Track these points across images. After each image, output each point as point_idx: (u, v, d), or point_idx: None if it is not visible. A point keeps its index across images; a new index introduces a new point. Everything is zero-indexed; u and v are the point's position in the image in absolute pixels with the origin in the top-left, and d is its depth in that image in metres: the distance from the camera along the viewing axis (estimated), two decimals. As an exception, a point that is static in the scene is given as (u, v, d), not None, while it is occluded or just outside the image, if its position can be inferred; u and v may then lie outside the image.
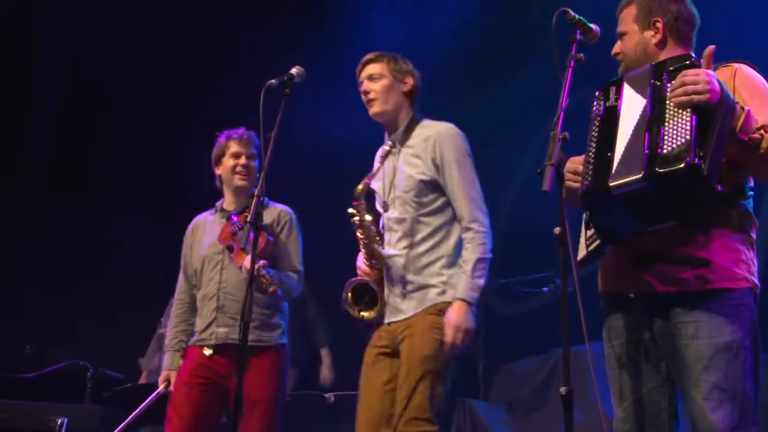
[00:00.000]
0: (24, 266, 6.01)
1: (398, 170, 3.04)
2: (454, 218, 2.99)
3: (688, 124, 2.16)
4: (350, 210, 3.00)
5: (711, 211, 2.29)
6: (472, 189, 2.99)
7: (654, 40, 2.46)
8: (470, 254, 2.92)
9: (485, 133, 5.87)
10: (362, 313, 2.98)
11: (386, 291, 3.00)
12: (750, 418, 2.25)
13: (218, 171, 3.71)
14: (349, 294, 2.99)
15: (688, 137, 2.15)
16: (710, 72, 2.19)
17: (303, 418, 4.72)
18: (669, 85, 2.24)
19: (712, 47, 2.26)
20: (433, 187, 2.99)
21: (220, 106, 5.75)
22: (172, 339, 3.68)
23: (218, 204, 3.75)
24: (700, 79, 2.17)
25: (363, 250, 3.02)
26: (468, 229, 2.95)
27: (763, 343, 2.34)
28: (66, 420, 4.12)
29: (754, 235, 2.39)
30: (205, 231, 3.72)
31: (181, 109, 5.96)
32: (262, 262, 3.37)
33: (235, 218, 3.58)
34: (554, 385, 4.74)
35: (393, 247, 3.00)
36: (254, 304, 3.48)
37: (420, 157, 3.01)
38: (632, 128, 2.26)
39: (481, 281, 2.92)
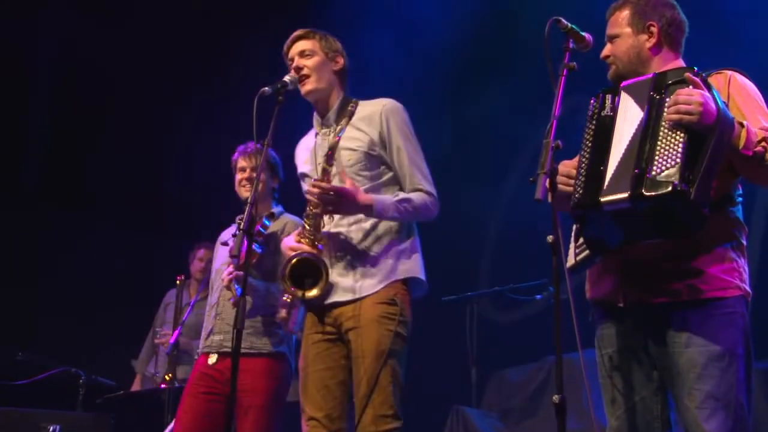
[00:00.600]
0: (15, 273, 5.98)
1: (336, 147, 2.91)
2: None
3: (680, 145, 2.15)
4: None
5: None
6: (422, 162, 2.94)
7: (648, 44, 2.45)
8: (408, 195, 2.86)
9: (477, 140, 5.90)
10: (306, 294, 2.81)
11: (330, 270, 2.85)
12: (743, 427, 2.25)
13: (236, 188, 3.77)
14: (287, 271, 2.81)
15: (678, 160, 2.14)
16: (705, 93, 2.18)
17: (295, 426, 4.70)
18: (667, 100, 2.22)
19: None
20: (378, 161, 2.91)
21: (217, 110, 5.76)
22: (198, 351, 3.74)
23: (238, 218, 3.76)
24: (692, 99, 2.16)
25: (308, 222, 2.86)
26: (421, 192, 2.90)
27: (754, 351, 2.35)
28: (58, 427, 4.11)
29: (744, 242, 2.39)
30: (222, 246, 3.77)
31: (177, 114, 5.95)
32: (233, 273, 3.37)
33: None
34: (547, 393, 4.74)
35: (336, 226, 2.89)
36: (250, 313, 3.48)
37: (364, 131, 2.92)
38: (627, 142, 2.25)
39: (396, 214, 2.82)
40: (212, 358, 3.53)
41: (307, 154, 3.06)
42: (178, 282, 4.87)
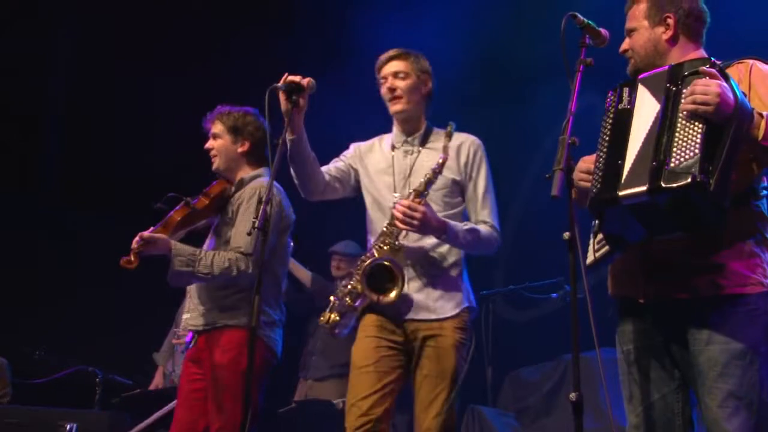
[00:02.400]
0: (34, 272, 6.02)
1: (418, 167, 3.06)
2: None
3: (698, 136, 2.13)
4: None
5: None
6: (493, 198, 3.10)
7: (665, 36, 2.43)
8: (476, 226, 3.01)
9: (495, 137, 5.87)
10: (381, 298, 2.90)
11: (406, 284, 2.95)
12: (766, 426, 2.22)
13: None
14: (366, 273, 2.91)
15: (696, 151, 2.12)
16: (723, 84, 2.16)
17: (312, 426, 4.70)
18: (684, 91, 2.20)
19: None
20: (459, 190, 3.07)
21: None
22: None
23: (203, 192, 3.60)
24: (710, 90, 2.14)
25: (389, 228, 2.96)
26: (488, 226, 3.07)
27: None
28: (75, 425, 4.12)
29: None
30: None
31: (189, 113, 5.97)
32: (144, 232, 3.29)
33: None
34: (563, 392, 4.72)
35: (417, 241, 3.00)
36: (209, 287, 3.33)
37: (453, 158, 3.05)
38: (644, 135, 2.23)
39: (463, 241, 2.96)
40: (193, 341, 3.41)
41: (378, 161, 3.14)
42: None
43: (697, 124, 2.15)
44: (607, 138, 2.32)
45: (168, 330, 5.22)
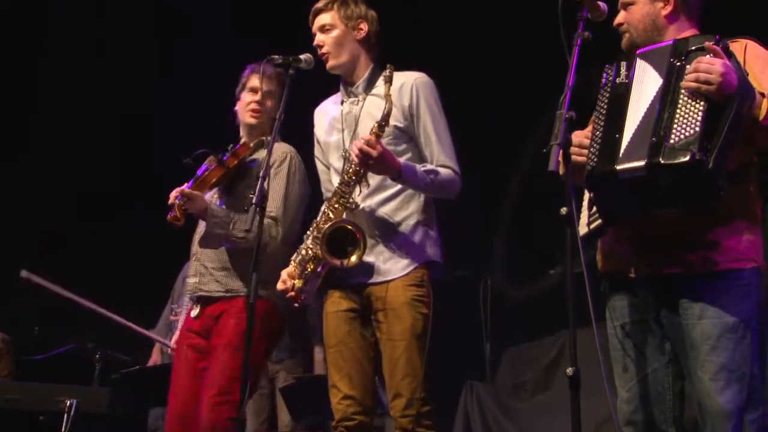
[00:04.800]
0: (32, 248, 6.03)
1: (363, 118, 2.85)
2: None
3: (700, 114, 2.12)
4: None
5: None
6: (448, 140, 2.89)
7: (665, 12, 2.41)
8: (435, 167, 2.81)
9: (492, 114, 5.86)
10: (345, 262, 2.73)
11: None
12: (757, 399, 2.25)
13: (237, 107, 3.41)
14: (325, 239, 2.74)
15: (697, 129, 2.11)
16: (727, 62, 2.15)
17: (314, 401, 4.73)
18: (688, 67, 2.19)
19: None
20: (406, 137, 2.86)
21: (227, 94, 5.76)
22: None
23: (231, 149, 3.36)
24: (713, 69, 2.13)
25: (342, 188, 2.78)
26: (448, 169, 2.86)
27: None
28: (75, 401, 4.15)
29: (760, 214, 2.36)
30: None
31: (185, 102, 5.97)
32: (183, 187, 3.13)
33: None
34: (561, 367, 4.74)
35: (363, 200, 2.82)
36: (223, 252, 3.18)
37: (394, 104, 2.82)
38: (644, 110, 2.22)
39: (421, 183, 2.77)
40: (195, 311, 3.24)
41: (328, 121, 2.98)
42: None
43: (698, 101, 2.14)
44: (604, 111, 2.31)
45: (164, 306, 5.23)
